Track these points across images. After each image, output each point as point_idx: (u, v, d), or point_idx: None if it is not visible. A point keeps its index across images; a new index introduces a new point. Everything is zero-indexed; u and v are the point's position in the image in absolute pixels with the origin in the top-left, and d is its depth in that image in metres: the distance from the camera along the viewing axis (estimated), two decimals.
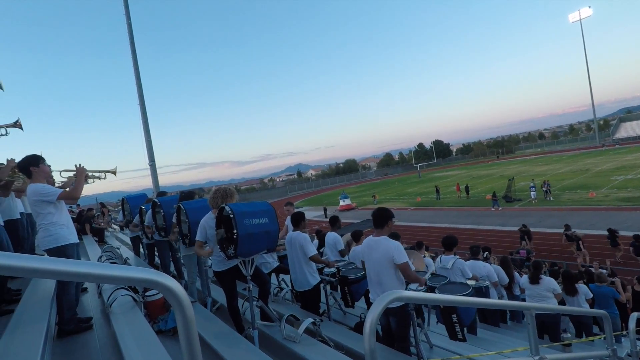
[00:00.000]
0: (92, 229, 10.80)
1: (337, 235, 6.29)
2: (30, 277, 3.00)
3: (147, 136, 14.29)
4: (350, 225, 21.59)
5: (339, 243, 6.12)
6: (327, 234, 6.30)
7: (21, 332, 2.83)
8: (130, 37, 14.26)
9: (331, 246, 6.17)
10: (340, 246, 6.07)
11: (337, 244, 6.07)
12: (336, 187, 69.10)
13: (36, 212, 3.48)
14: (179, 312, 1.05)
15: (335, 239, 6.13)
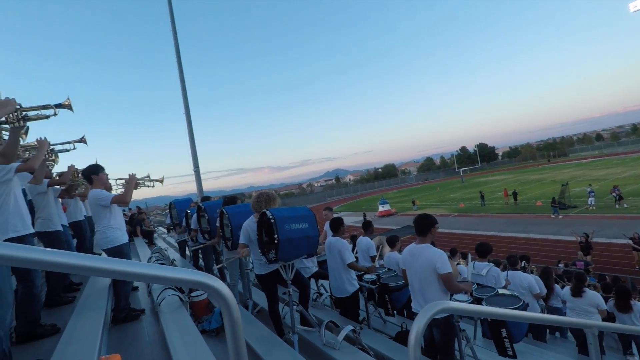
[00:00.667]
0: (142, 231, 11.43)
1: (370, 240, 6.21)
2: (92, 275, 3.21)
3: (192, 144, 14.93)
4: (389, 232, 21.23)
5: (372, 248, 6.03)
6: (360, 238, 6.23)
7: (84, 317, 3.21)
8: (176, 52, 15.03)
9: (363, 251, 6.11)
10: (372, 252, 5.99)
11: (369, 249, 5.99)
12: (375, 193, 68.32)
13: (95, 215, 3.91)
14: (226, 313, 1.07)
15: (368, 244, 6.05)
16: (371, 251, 5.99)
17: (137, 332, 3.67)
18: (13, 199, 3.03)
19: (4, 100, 2.55)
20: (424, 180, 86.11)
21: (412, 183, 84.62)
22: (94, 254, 0.94)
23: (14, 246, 0.80)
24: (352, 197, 69.87)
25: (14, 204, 3.05)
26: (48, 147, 3.95)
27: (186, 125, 14.98)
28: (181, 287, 4.51)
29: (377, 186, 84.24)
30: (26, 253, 0.80)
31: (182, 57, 15.18)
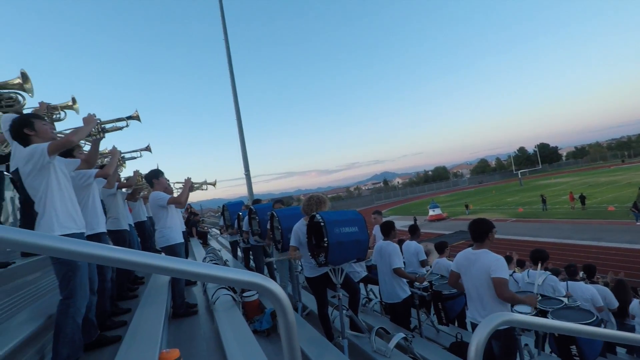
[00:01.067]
0: (197, 232, 12.03)
1: (418, 244, 5.99)
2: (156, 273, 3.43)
3: (243, 148, 15.49)
4: (441, 237, 20.46)
5: (421, 253, 5.81)
6: (406, 242, 6.03)
7: (147, 310, 3.52)
8: (228, 59, 15.71)
9: (411, 255, 5.90)
10: (422, 256, 5.76)
11: (418, 254, 5.77)
12: (425, 196, 66.36)
13: (154, 215, 4.31)
14: (281, 315, 1.07)
15: (417, 248, 5.83)
16: (421, 255, 5.79)
17: (194, 329, 3.85)
18: (91, 200, 3.48)
19: (88, 117, 2.89)
20: (478, 183, 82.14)
21: (465, 186, 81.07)
22: (155, 252, 0.98)
23: (92, 244, 0.86)
24: (401, 200, 68.44)
25: (92, 205, 3.49)
26: (119, 155, 4.45)
27: (237, 130, 15.59)
28: (234, 287, 4.67)
29: (427, 189, 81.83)
30: (101, 251, 0.86)
31: (233, 64, 15.85)
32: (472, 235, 3.34)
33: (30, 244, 0.80)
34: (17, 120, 2.73)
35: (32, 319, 2.79)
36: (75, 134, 2.75)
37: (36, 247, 0.82)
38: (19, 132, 2.66)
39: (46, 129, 2.74)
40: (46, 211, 2.56)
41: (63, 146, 2.63)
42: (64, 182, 2.72)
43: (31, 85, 3.17)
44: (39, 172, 2.56)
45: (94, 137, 3.31)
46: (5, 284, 3.23)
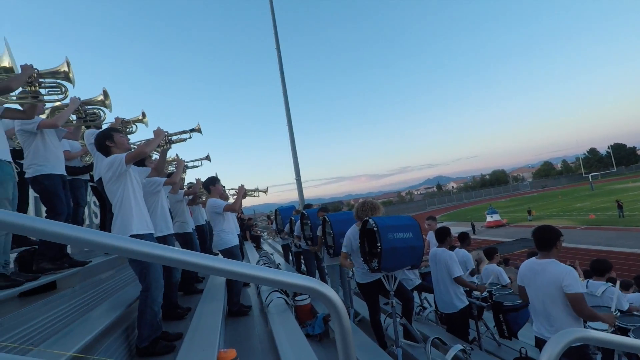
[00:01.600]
0: (251, 236, 12.44)
1: (467, 252, 5.69)
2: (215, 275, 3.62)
3: (294, 154, 15.82)
4: (501, 244, 19.30)
5: (469, 261, 5.52)
6: (456, 250, 5.75)
7: (207, 307, 3.79)
8: (280, 66, 16.19)
9: (460, 264, 5.62)
10: (470, 264, 5.47)
11: (467, 263, 5.48)
12: (482, 201, 63.05)
13: (212, 220, 4.60)
14: (336, 321, 1.07)
15: (465, 257, 5.54)
16: (469, 264, 5.51)
17: (249, 330, 3.98)
18: (160, 205, 3.86)
19: (157, 130, 3.28)
20: (542, 187, 76.49)
21: (527, 191, 75.88)
22: (213, 254, 1.04)
23: (160, 247, 0.93)
24: (456, 205, 65.67)
25: (161, 210, 3.84)
26: (184, 164, 4.86)
27: (288, 136, 15.97)
28: (286, 290, 4.76)
29: (484, 194, 77.79)
30: (167, 253, 0.92)
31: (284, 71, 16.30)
32: (536, 243, 3.10)
33: (105, 244, 0.89)
34: (101, 133, 3.11)
35: (112, 309, 3.16)
36: (147, 145, 3.12)
37: (109, 248, 0.90)
38: (102, 144, 3.03)
39: (124, 140, 3.10)
40: (121, 213, 2.89)
41: (137, 156, 2.98)
42: (137, 188, 3.04)
43: (110, 101, 3.54)
44: (117, 179, 2.90)
45: (162, 147, 3.71)
46: (85, 280, 3.58)
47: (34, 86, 2.85)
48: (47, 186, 3.16)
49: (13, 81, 2.64)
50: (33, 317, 2.50)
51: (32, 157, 3.13)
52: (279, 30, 16.44)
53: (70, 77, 2.91)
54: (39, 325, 2.48)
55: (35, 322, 2.46)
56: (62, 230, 0.86)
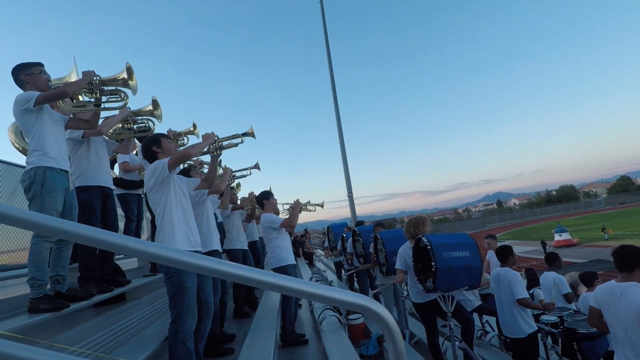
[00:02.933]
0: (304, 253, 12.56)
1: (558, 275, 5.17)
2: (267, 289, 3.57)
3: (346, 171, 15.87)
4: (572, 266, 17.59)
5: (563, 284, 4.97)
6: (545, 273, 5.26)
7: (259, 335, 3.49)
8: (332, 87, 16.53)
9: (549, 288, 5.09)
10: (565, 289, 4.93)
11: (560, 286, 4.95)
12: (548, 219, 58.25)
13: (266, 236, 4.40)
14: (390, 342, 1.05)
15: (558, 280, 5.01)
16: (563, 287, 4.98)
17: (302, 348, 3.95)
18: (205, 218, 3.55)
19: (206, 134, 3.05)
20: (619, 204, 68.98)
21: (601, 207, 68.88)
22: None
23: (212, 259, 0.97)
24: (518, 223, 61.26)
25: (206, 223, 3.54)
26: (231, 173, 4.62)
27: (340, 152, 16.10)
28: (339, 309, 4.70)
29: (550, 211, 71.87)
30: (219, 266, 0.96)
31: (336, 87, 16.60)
32: (617, 264, 2.81)
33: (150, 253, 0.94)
34: (148, 139, 2.95)
35: (159, 334, 3.02)
36: (192, 147, 2.86)
37: (152, 256, 0.95)
38: (148, 150, 2.82)
39: (170, 146, 2.87)
40: (163, 226, 2.63)
41: (181, 159, 2.75)
42: (182, 200, 2.77)
43: (160, 111, 3.36)
44: (160, 187, 2.66)
45: (212, 154, 3.37)
46: (151, 292, 3.83)
47: (95, 93, 2.73)
48: (84, 200, 2.96)
49: (69, 86, 2.61)
50: (105, 326, 2.71)
51: (75, 168, 2.99)
52: (332, 42, 16.87)
53: (131, 85, 2.77)
54: (110, 334, 2.67)
55: (106, 330, 2.66)
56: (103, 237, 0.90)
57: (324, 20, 17.08)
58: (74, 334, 2.36)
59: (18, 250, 4.04)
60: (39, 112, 2.51)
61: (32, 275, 2.34)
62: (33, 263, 2.35)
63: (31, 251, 2.38)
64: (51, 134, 2.56)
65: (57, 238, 2.50)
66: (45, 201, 2.42)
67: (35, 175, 2.42)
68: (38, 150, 2.47)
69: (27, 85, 2.57)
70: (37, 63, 2.64)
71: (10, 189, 3.96)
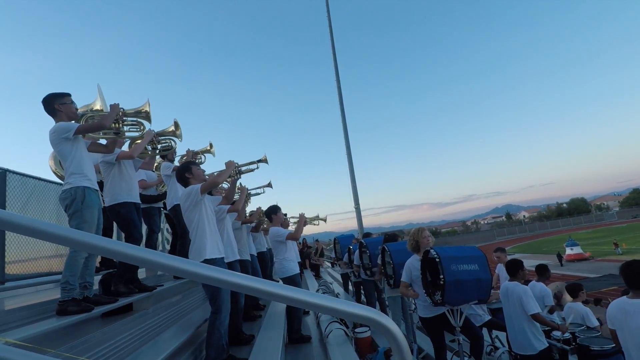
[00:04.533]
0: (310, 264, 12.49)
1: (544, 286, 5.11)
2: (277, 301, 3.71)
3: (353, 182, 15.85)
4: (584, 280, 17.24)
5: (548, 297, 4.93)
6: (531, 283, 5.19)
7: (268, 334, 3.87)
8: (339, 99, 16.63)
9: (537, 299, 5.04)
10: (548, 300, 4.89)
11: (545, 298, 4.91)
12: (558, 232, 57.30)
13: (274, 248, 4.71)
14: (397, 354, 1.04)
15: (543, 291, 4.97)
16: (547, 299, 4.95)
17: (305, 346, 3.98)
18: (225, 232, 4.06)
19: (229, 162, 3.60)
20: (632, 217, 67.71)
21: (613, 221, 67.63)
22: (274, 281, 1.08)
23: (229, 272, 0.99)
24: (528, 237, 60.38)
25: (226, 236, 3.99)
26: (247, 192, 5.14)
27: (347, 164, 16.11)
28: (346, 322, 4.67)
29: (561, 224, 70.77)
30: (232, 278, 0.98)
31: (344, 98, 16.69)
32: (626, 280, 2.76)
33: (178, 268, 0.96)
34: (181, 167, 3.47)
35: (181, 331, 3.36)
36: (220, 176, 3.53)
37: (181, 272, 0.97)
38: (182, 176, 3.36)
39: (200, 172, 3.42)
40: (197, 238, 3.17)
41: (211, 186, 3.32)
42: (211, 216, 3.33)
43: (181, 132, 3.81)
44: (194, 207, 3.21)
45: (232, 177, 4.08)
46: (157, 303, 3.84)
47: (118, 123, 3.11)
48: (124, 214, 3.39)
49: (105, 119, 2.94)
50: (112, 336, 2.73)
51: (110, 187, 3.40)
52: (339, 55, 17.03)
53: (150, 117, 3.22)
54: (118, 344, 2.69)
55: (114, 341, 2.68)
56: (140, 254, 0.95)
57: (330, 27, 17.28)
58: (80, 344, 2.38)
59: (28, 260, 4.22)
60: (75, 140, 2.82)
61: (65, 280, 2.60)
62: (69, 268, 2.64)
63: (69, 258, 2.67)
64: (87, 158, 2.90)
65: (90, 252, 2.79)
66: (85, 215, 2.75)
67: (75, 193, 2.74)
68: (77, 173, 2.79)
69: (59, 114, 2.83)
70: (67, 93, 2.90)
71: (24, 199, 4.13)
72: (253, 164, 4.29)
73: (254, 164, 4.29)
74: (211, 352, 3.06)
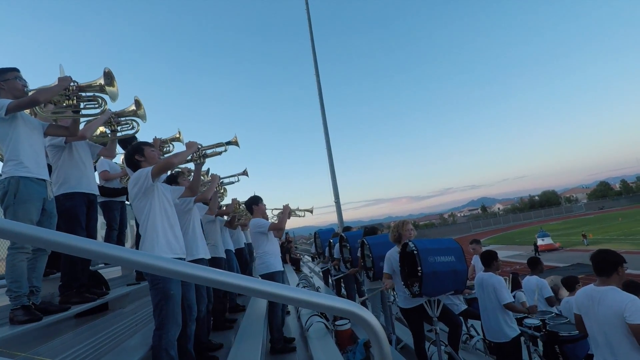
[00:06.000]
0: (290, 259, 12.51)
1: (541, 279, 5.29)
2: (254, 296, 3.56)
3: (333, 177, 15.91)
4: (553, 270, 17.96)
5: (545, 288, 5.10)
6: (527, 278, 5.38)
7: (245, 343, 3.44)
8: (319, 93, 16.60)
9: (532, 292, 5.22)
10: (547, 292, 5.06)
11: (543, 290, 5.07)
12: (531, 224, 59.43)
13: (254, 241, 4.38)
14: (376, 347, 1.05)
15: (540, 284, 5.13)
16: (545, 292, 5.09)
17: (289, 355, 3.92)
18: (192, 226, 3.53)
19: (189, 142, 3.03)
20: (599, 209, 70.99)
21: (581, 212, 70.71)
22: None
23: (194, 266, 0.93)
24: (502, 228, 62.35)
25: (192, 231, 3.52)
26: (218, 180, 4.57)
27: (327, 159, 16.14)
28: (326, 315, 4.69)
29: (533, 216, 73.45)
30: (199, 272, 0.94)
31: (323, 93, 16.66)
32: (595, 268, 2.89)
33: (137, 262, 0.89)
34: (130, 147, 2.91)
35: (143, 344, 2.90)
36: (175, 156, 2.84)
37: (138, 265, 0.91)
38: (131, 159, 2.80)
39: (154, 154, 2.84)
40: (147, 234, 2.61)
41: (164, 168, 2.71)
42: (167, 208, 2.76)
43: (144, 111, 3.25)
44: (144, 195, 2.64)
45: (195, 162, 3.39)
46: (134, 302, 3.76)
47: (72, 99, 2.64)
48: (68, 208, 2.91)
49: (41, 93, 2.49)
50: (87, 337, 2.64)
51: (57, 174, 2.93)
52: (318, 52, 16.97)
53: (110, 91, 2.66)
54: (92, 345, 2.60)
55: (89, 342, 2.59)
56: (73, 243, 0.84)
57: (309, 23, 17.16)
58: (54, 345, 2.30)
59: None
60: (12, 120, 2.43)
61: (8, 287, 2.30)
62: (9, 274, 2.32)
63: (7, 262, 2.34)
64: (26, 142, 2.48)
65: (34, 248, 2.45)
66: (17, 212, 2.36)
67: (8, 185, 2.37)
68: (12, 160, 2.40)
69: (1, 92, 2.48)
70: (12, 68, 2.55)
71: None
72: (220, 145, 3.55)
73: (221, 145, 3.55)
74: None
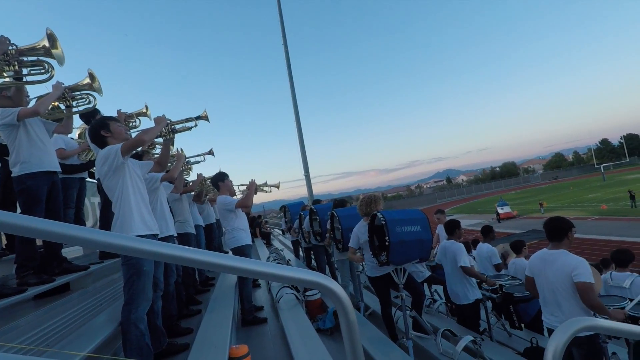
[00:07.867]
0: (261, 233, 12.54)
1: (491, 246, 5.65)
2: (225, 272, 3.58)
3: (303, 150, 15.83)
4: (511, 236, 19.10)
5: (494, 256, 5.48)
6: (479, 245, 5.71)
7: (216, 314, 3.55)
8: (287, 62, 16.19)
9: (484, 259, 5.58)
10: (495, 259, 5.44)
11: (492, 257, 5.45)
12: (492, 194, 62.47)
13: (222, 218, 4.38)
14: (342, 315, 1.09)
15: (490, 252, 5.51)
16: (494, 259, 5.47)
17: (260, 326, 4.00)
18: (159, 204, 3.54)
19: (158, 117, 2.98)
20: (553, 179, 75.55)
21: (538, 182, 75.04)
22: (222, 252, 1.05)
23: (161, 244, 0.95)
24: (465, 198, 65.20)
25: (160, 209, 3.54)
26: (184, 159, 4.51)
27: (297, 132, 15.99)
28: (297, 286, 4.79)
29: (494, 187, 77.22)
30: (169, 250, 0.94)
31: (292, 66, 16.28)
32: (548, 234, 3.10)
33: (107, 243, 0.90)
34: (94, 122, 2.79)
35: (110, 321, 2.89)
36: (146, 133, 2.75)
37: (113, 247, 0.91)
38: (96, 135, 2.67)
39: (121, 130, 2.74)
40: (121, 213, 2.57)
41: (135, 145, 2.62)
42: (138, 184, 2.72)
43: (99, 84, 3.09)
44: (114, 173, 2.57)
45: (164, 137, 3.30)
46: (97, 281, 3.65)
47: (14, 65, 2.44)
48: (30, 187, 2.79)
49: None
50: (48, 318, 2.54)
51: (16, 154, 2.80)
52: (286, 25, 16.44)
53: (56, 54, 2.44)
54: (54, 326, 2.51)
55: (50, 323, 2.49)
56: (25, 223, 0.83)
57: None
58: (10, 329, 2.20)
59: None
60: None
61: None
62: None
63: None
64: None
65: None
66: None
67: None
68: None
69: None
70: None
71: None
72: (190, 121, 3.47)
73: (191, 120, 3.47)
74: (131, 356, 2.46)
